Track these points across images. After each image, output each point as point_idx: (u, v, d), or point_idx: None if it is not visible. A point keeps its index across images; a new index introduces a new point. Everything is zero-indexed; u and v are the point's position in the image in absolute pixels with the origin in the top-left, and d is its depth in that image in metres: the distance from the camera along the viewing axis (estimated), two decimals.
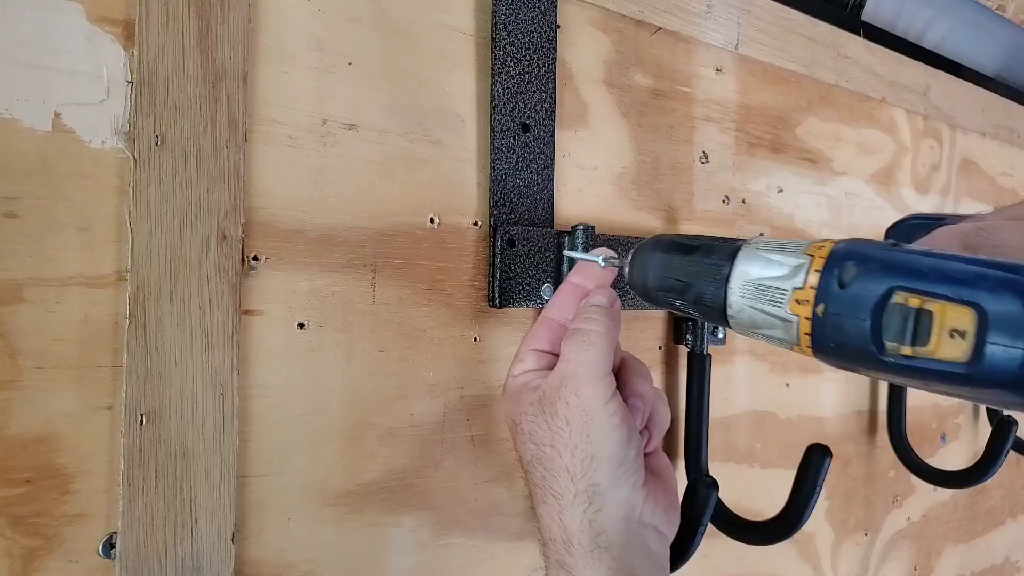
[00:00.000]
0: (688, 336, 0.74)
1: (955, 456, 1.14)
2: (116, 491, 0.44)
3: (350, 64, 0.54)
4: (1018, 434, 1.20)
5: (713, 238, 0.44)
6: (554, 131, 0.64)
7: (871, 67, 0.97)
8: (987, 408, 1.16)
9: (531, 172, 0.63)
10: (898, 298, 0.31)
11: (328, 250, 0.53)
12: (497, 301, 0.60)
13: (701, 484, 0.56)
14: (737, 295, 0.40)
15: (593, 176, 0.69)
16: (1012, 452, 1.19)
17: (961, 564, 1.16)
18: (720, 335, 0.76)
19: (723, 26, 0.79)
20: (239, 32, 0.49)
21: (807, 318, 0.35)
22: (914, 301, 0.31)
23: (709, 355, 0.73)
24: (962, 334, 0.29)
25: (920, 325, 0.30)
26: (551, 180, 0.64)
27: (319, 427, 0.53)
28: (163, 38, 0.45)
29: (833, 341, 0.34)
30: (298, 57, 0.52)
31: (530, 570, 0.64)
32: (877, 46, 0.98)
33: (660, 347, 0.75)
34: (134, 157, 0.44)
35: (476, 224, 0.61)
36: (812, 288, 0.35)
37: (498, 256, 0.60)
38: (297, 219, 0.52)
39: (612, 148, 0.71)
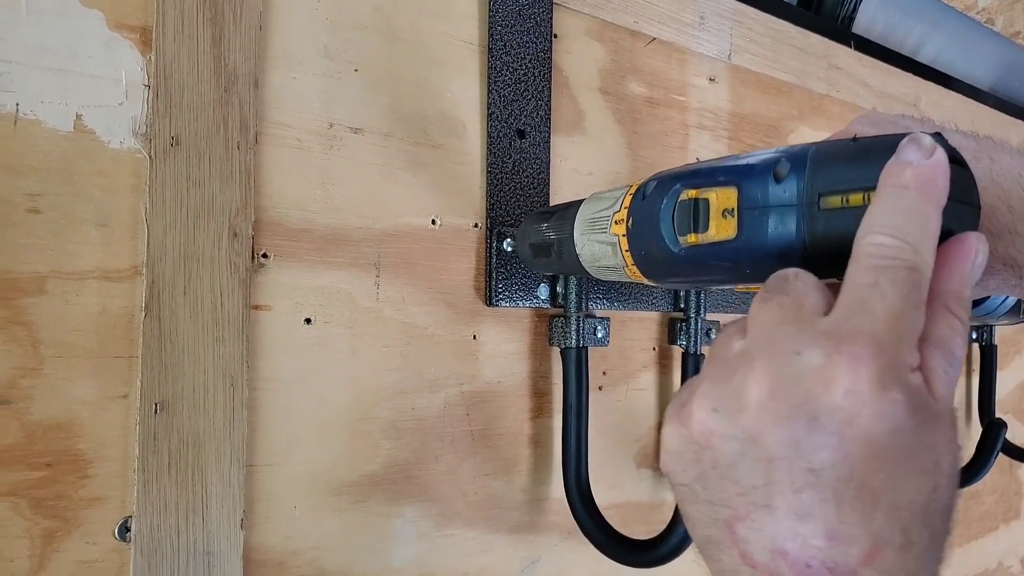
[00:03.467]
0: (682, 337, 0.76)
1: None
2: (131, 476, 0.46)
3: (356, 70, 0.57)
4: (1010, 439, 1.22)
5: (564, 203, 0.51)
6: (549, 137, 0.67)
7: (861, 78, 1.00)
8: (978, 411, 1.18)
9: (527, 176, 0.65)
10: (683, 195, 0.36)
11: (334, 249, 0.55)
12: (494, 300, 0.62)
13: None
14: (578, 233, 0.48)
15: (589, 181, 0.72)
16: (1007, 458, 1.21)
17: (954, 569, 1.17)
18: (713, 336, 0.78)
19: (716, 37, 0.82)
20: (251, 38, 0.51)
21: (623, 235, 0.41)
22: (693, 193, 0.35)
23: (702, 355, 0.75)
24: (731, 212, 0.33)
25: (699, 213, 0.35)
26: (547, 184, 0.67)
27: (324, 419, 0.55)
28: (179, 44, 0.48)
29: (641, 248, 0.40)
30: (307, 63, 0.54)
31: (528, 562, 0.66)
32: (867, 57, 1.01)
33: (654, 348, 0.77)
34: (150, 157, 0.47)
35: (476, 226, 0.63)
36: (625, 208, 0.41)
37: (494, 257, 0.62)
38: (304, 218, 0.54)
39: (607, 154, 0.73)
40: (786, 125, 0.90)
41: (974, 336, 1.18)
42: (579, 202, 0.50)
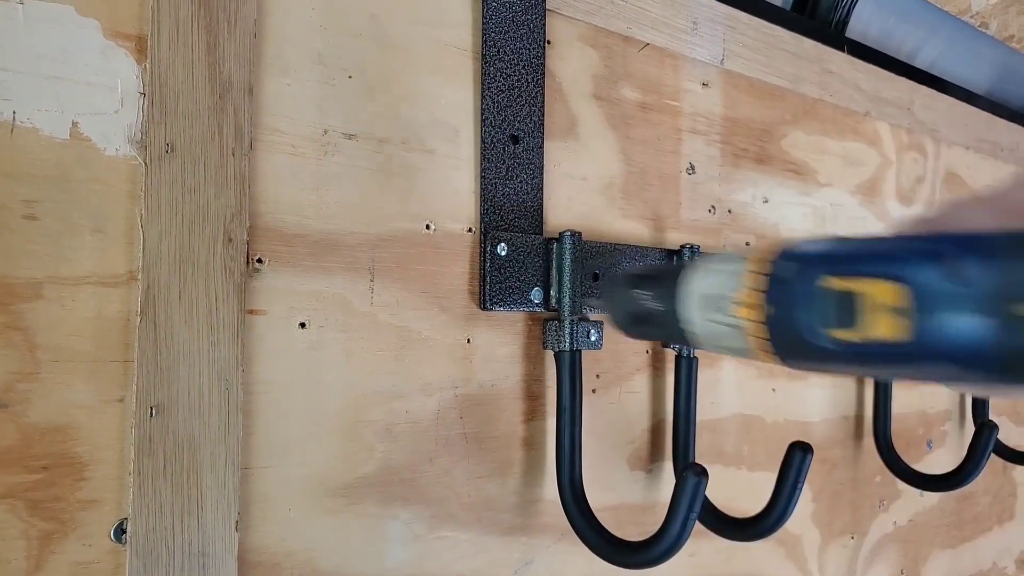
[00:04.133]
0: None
1: (942, 462, 1.16)
2: (127, 479, 0.47)
3: (350, 77, 0.57)
4: (1004, 441, 1.23)
5: (659, 265, 0.44)
6: (543, 142, 0.67)
7: (855, 82, 1.01)
8: (972, 414, 1.19)
9: (521, 181, 0.66)
10: (825, 283, 0.31)
11: (328, 254, 0.56)
12: (488, 304, 0.63)
13: (691, 472, 0.59)
14: (689, 309, 0.40)
15: (582, 186, 0.72)
16: (1001, 460, 1.22)
17: (948, 569, 1.18)
18: None
19: (709, 42, 0.82)
20: (245, 46, 0.52)
21: (754, 321, 0.35)
22: (841, 284, 0.30)
23: (696, 358, 0.76)
24: (889, 310, 0.29)
25: (850, 307, 0.30)
26: (540, 189, 0.67)
27: (319, 422, 0.55)
28: (173, 52, 0.48)
29: (780, 339, 0.34)
30: (301, 70, 0.55)
31: (521, 564, 0.66)
32: (860, 62, 1.02)
33: (647, 351, 0.77)
34: (146, 164, 0.47)
35: (470, 230, 0.63)
36: (751, 289, 0.35)
37: (488, 261, 0.63)
38: (299, 224, 0.54)
39: (601, 159, 0.73)
40: (779, 129, 0.91)
41: None
42: (678, 269, 0.43)
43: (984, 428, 0.92)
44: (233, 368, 0.51)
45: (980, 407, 1.18)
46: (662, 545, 0.59)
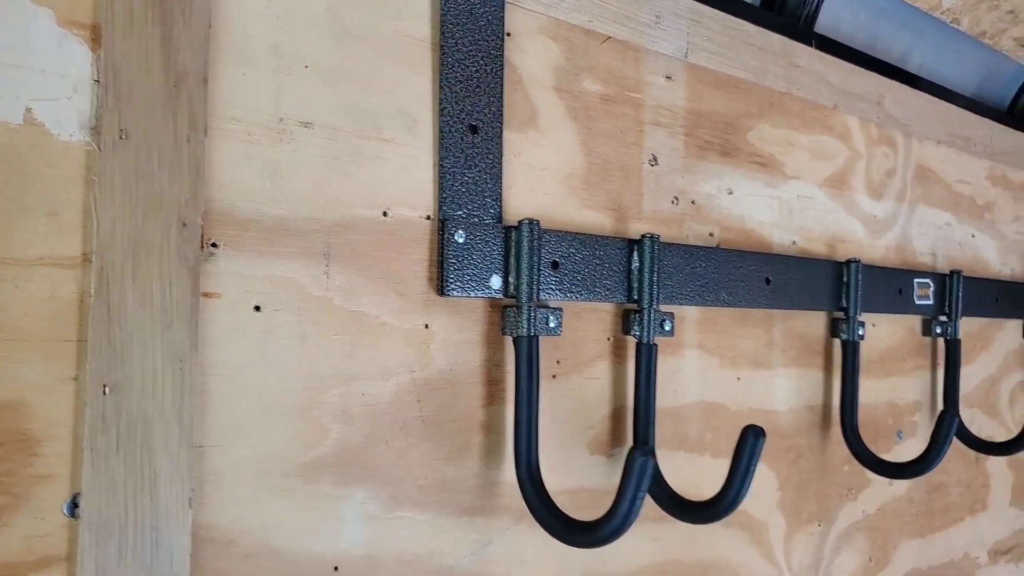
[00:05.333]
0: (635, 327, 0.78)
1: (912, 452, 1.17)
2: (81, 455, 0.48)
3: (306, 67, 0.59)
4: (977, 432, 1.24)
5: None
6: (502, 133, 0.69)
7: (823, 76, 1.02)
8: (943, 404, 1.20)
9: (480, 171, 0.67)
10: None
11: (283, 239, 0.57)
12: (446, 290, 0.64)
13: (639, 452, 0.60)
14: None
15: (543, 176, 0.74)
16: (973, 452, 1.23)
17: (918, 557, 1.19)
18: (667, 327, 0.80)
19: (672, 35, 0.84)
20: (200, 37, 0.53)
21: None
22: None
23: (655, 345, 0.77)
24: None
25: None
26: (499, 178, 0.69)
27: (274, 403, 0.57)
28: (128, 41, 0.50)
29: None
30: (257, 60, 0.56)
31: (479, 544, 0.68)
32: (829, 56, 1.03)
33: (609, 338, 0.79)
34: (99, 149, 0.49)
35: (428, 218, 0.65)
36: None
37: (446, 248, 0.64)
38: (254, 209, 0.56)
39: (562, 150, 0.75)
40: (744, 122, 0.92)
41: (938, 331, 1.20)
42: None
43: (945, 416, 0.93)
44: (187, 349, 0.52)
45: (950, 398, 1.19)
46: (611, 524, 0.60)
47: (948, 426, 0.93)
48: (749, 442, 0.68)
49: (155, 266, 0.51)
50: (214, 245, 0.54)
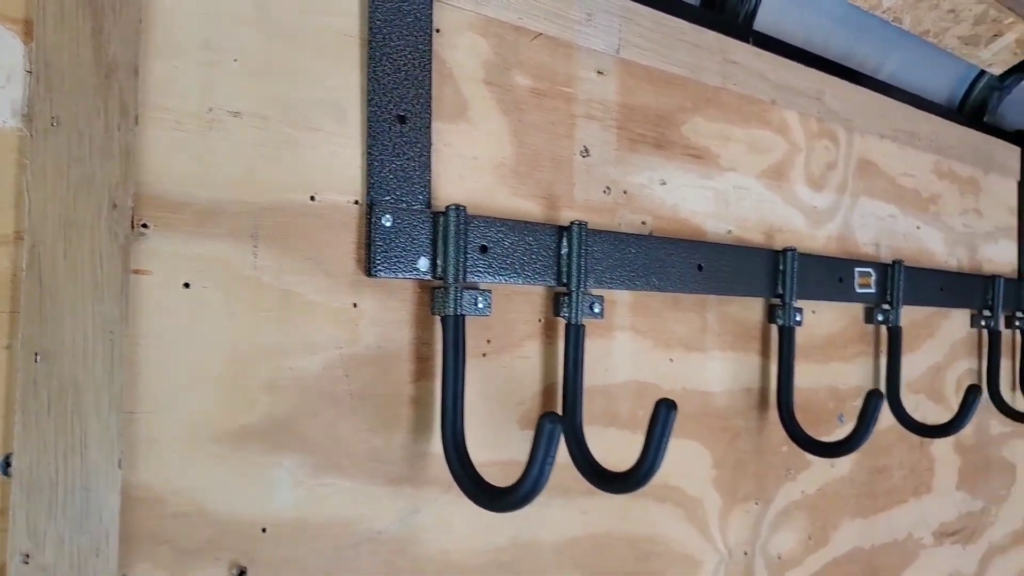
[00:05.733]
0: (565, 309, 0.82)
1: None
2: (13, 417, 0.52)
3: (235, 60, 0.63)
4: (922, 418, 1.29)
5: None
6: (430, 123, 0.73)
7: (760, 72, 1.06)
8: (886, 388, 1.24)
9: (408, 159, 0.71)
10: None
11: (212, 220, 0.61)
12: (373, 271, 0.68)
13: (547, 419, 0.64)
14: None
15: (474, 165, 0.78)
16: (918, 436, 1.28)
17: (859, 537, 1.23)
18: (597, 310, 0.84)
19: (604, 32, 0.88)
20: (131, 31, 0.57)
21: None
22: None
23: (583, 326, 0.81)
24: None
25: None
26: (428, 166, 0.73)
27: (203, 374, 0.61)
28: (59, 35, 0.54)
29: None
30: (187, 53, 0.60)
31: (407, 512, 0.72)
32: (767, 52, 1.08)
33: (540, 319, 0.83)
34: (32, 135, 0.53)
35: (356, 203, 0.69)
36: None
37: (373, 231, 0.68)
38: (184, 193, 0.60)
39: (492, 140, 0.79)
40: (679, 116, 0.96)
41: (880, 319, 1.24)
42: None
43: (871, 396, 0.97)
44: (117, 321, 0.56)
45: (892, 383, 1.24)
46: (523, 488, 0.65)
47: (874, 406, 0.97)
48: (662, 414, 0.72)
49: (86, 244, 0.55)
50: (144, 225, 0.58)
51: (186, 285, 0.60)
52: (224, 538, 0.61)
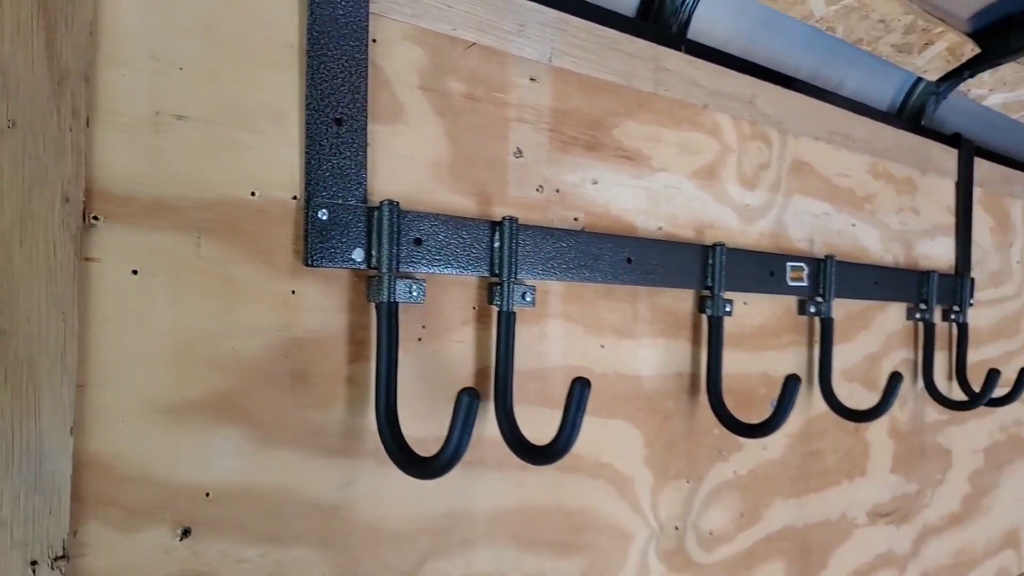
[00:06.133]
0: (497, 298, 0.88)
1: (787, 422, 1.29)
2: None
3: (181, 68, 0.69)
4: (857, 405, 1.36)
5: None
6: (366, 125, 0.79)
7: (692, 78, 1.14)
8: (818, 377, 1.32)
9: (344, 158, 0.78)
10: None
11: (159, 214, 0.67)
12: (310, 261, 0.75)
13: (465, 393, 0.70)
14: None
15: (410, 164, 0.84)
16: (852, 423, 1.35)
17: (792, 516, 1.31)
18: (528, 298, 0.91)
19: (536, 42, 0.95)
20: (82, 42, 0.63)
21: None
22: None
23: (514, 313, 0.88)
24: None
25: None
26: (363, 165, 0.79)
27: (151, 352, 0.67)
28: (15, 46, 0.60)
29: None
30: (135, 63, 0.67)
31: (344, 482, 0.78)
32: (699, 60, 1.15)
33: (474, 307, 0.90)
34: None
35: (295, 198, 0.75)
36: None
37: (310, 224, 0.75)
38: (132, 189, 0.66)
39: (428, 141, 0.86)
40: (611, 120, 1.04)
41: (812, 310, 1.32)
42: None
43: (789, 380, 1.05)
44: (70, 303, 0.62)
45: (824, 371, 1.31)
46: (444, 456, 0.71)
47: (791, 389, 1.04)
48: (576, 391, 0.79)
49: (40, 234, 0.61)
50: (95, 218, 0.64)
51: (134, 272, 0.66)
52: (169, 501, 0.68)
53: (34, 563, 0.60)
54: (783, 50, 1.40)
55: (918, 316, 1.58)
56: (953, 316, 1.68)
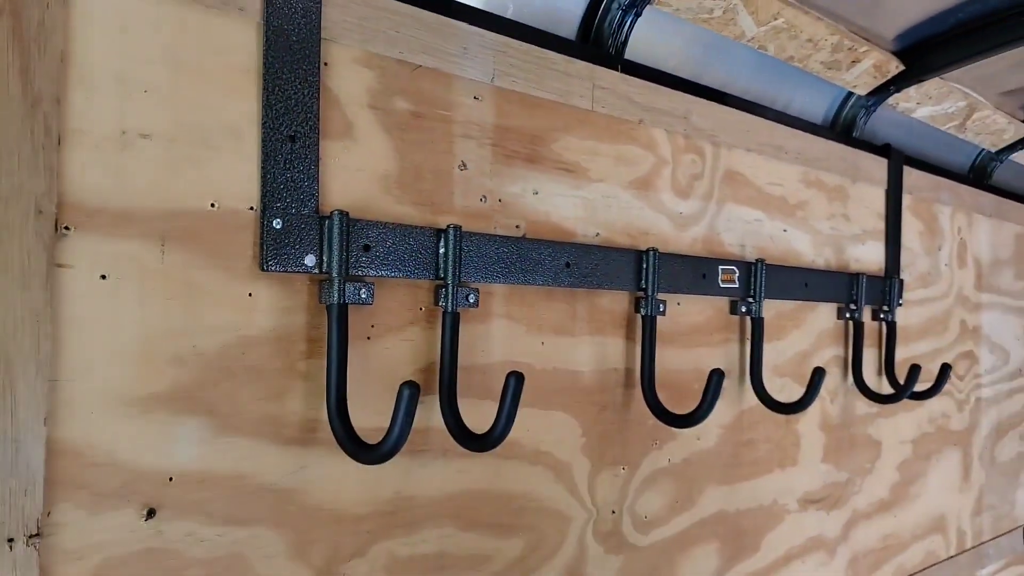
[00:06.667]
0: (442, 299, 0.96)
1: (720, 414, 1.39)
2: None
3: (145, 91, 0.76)
4: (787, 398, 1.46)
5: None
6: (318, 141, 0.87)
7: (627, 95, 1.23)
8: (749, 372, 1.42)
9: (297, 172, 0.85)
10: None
11: (126, 224, 0.74)
12: (266, 266, 0.82)
13: (406, 385, 0.78)
14: None
15: (360, 176, 0.92)
16: (783, 415, 1.45)
17: (725, 502, 1.41)
18: (472, 300, 0.99)
19: (480, 63, 1.03)
20: (54, 68, 0.70)
21: None
22: None
23: (458, 313, 0.96)
24: None
25: None
26: (316, 178, 0.87)
27: (117, 350, 0.74)
28: None
29: None
30: (103, 86, 0.73)
31: (297, 467, 0.86)
32: (634, 78, 1.24)
33: (421, 308, 0.97)
34: None
35: (252, 209, 0.83)
36: None
37: (265, 232, 0.82)
38: (101, 201, 0.73)
39: (376, 156, 0.93)
40: (551, 135, 1.12)
41: (743, 310, 1.42)
42: None
43: (713, 375, 1.14)
44: (43, 306, 0.69)
45: (755, 367, 1.41)
46: (388, 443, 0.79)
47: (715, 383, 1.14)
48: (511, 384, 0.87)
49: (16, 242, 0.67)
50: (67, 228, 0.71)
51: (103, 277, 0.73)
52: (135, 484, 0.75)
53: (11, 540, 0.67)
54: (734, 74, 1.52)
55: (848, 315, 1.69)
56: (882, 315, 1.80)
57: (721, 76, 1.51)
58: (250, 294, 0.83)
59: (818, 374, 1.36)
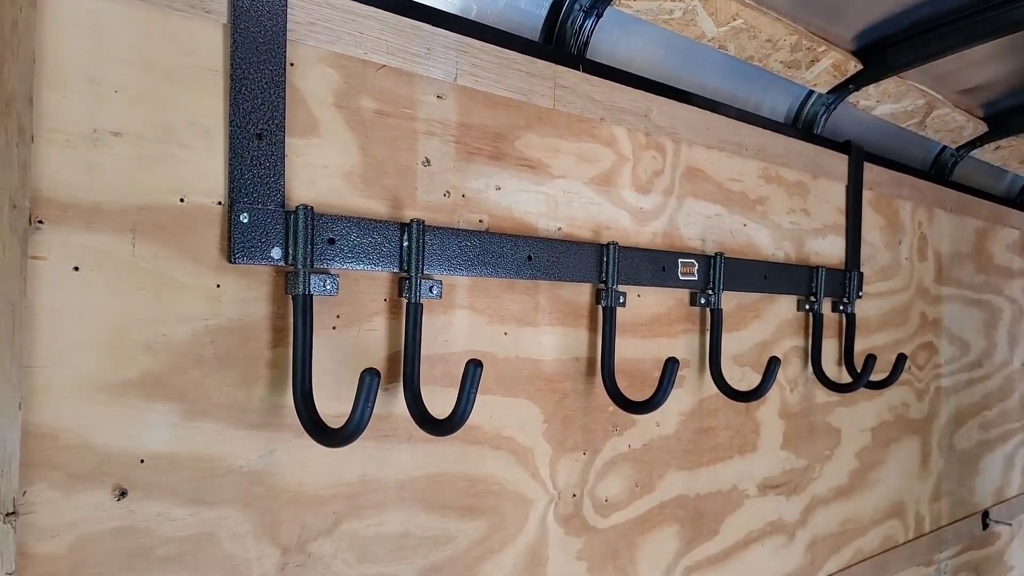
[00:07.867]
0: (406, 291, 1.01)
1: (680, 401, 1.44)
2: None
3: (116, 91, 0.79)
4: (747, 387, 1.52)
5: None
6: (284, 139, 0.90)
7: (589, 94, 1.27)
8: (709, 361, 1.47)
9: (264, 168, 0.89)
10: None
11: (97, 217, 0.78)
12: (233, 258, 0.86)
13: (367, 372, 0.82)
14: None
15: (324, 172, 0.96)
16: (738, 401, 1.51)
17: (685, 486, 1.46)
18: (435, 291, 1.03)
19: (442, 63, 1.07)
20: (26, 69, 0.73)
21: None
22: None
23: (421, 304, 1.01)
24: None
25: None
26: (282, 174, 0.90)
27: (90, 338, 0.77)
28: None
29: None
30: (74, 87, 0.77)
31: (265, 451, 0.90)
32: (595, 77, 1.28)
33: (385, 299, 1.02)
34: None
35: (219, 203, 0.86)
36: None
37: (233, 226, 0.86)
38: (73, 196, 0.76)
39: (341, 153, 0.97)
40: (513, 133, 1.16)
41: (703, 301, 1.47)
42: None
43: (668, 364, 1.19)
44: (17, 295, 0.72)
45: (713, 356, 1.46)
46: (349, 427, 0.83)
47: (670, 371, 1.19)
48: (469, 371, 0.92)
49: None
50: (40, 222, 0.75)
51: (76, 268, 0.77)
52: (107, 466, 0.78)
53: None
54: (707, 77, 1.59)
55: (808, 307, 1.75)
56: (842, 307, 1.86)
57: (696, 80, 1.57)
58: (218, 285, 0.86)
59: (773, 363, 1.41)
